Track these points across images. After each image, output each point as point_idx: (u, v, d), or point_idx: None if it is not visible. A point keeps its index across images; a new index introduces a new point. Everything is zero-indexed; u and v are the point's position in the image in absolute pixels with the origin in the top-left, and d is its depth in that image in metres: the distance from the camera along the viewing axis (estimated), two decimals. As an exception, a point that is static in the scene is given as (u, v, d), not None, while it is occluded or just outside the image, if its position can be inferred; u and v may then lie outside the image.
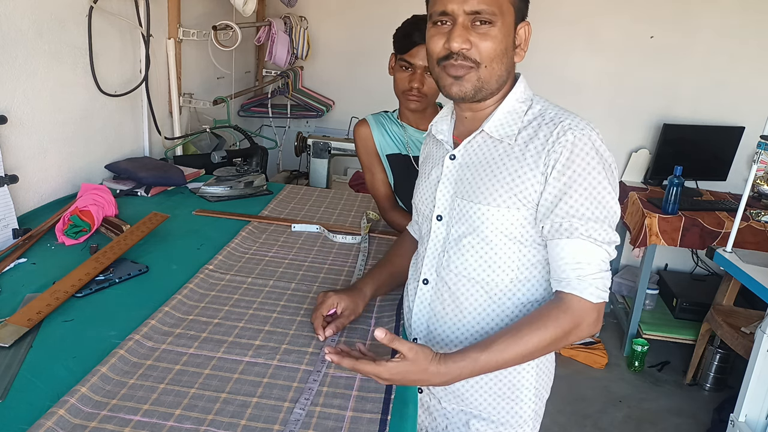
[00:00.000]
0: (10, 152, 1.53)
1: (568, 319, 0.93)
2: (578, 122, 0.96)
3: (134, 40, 2.07)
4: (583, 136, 0.94)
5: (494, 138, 1.01)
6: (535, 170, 0.96)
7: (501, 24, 0.95)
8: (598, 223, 0.92)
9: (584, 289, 0.92)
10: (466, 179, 1.03)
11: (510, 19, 0.97)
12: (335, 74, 3.60)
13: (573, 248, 0.93)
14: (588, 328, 0.94)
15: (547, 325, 0.93)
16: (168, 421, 0.86)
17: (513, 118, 1.01)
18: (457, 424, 1.14)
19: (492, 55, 0.96)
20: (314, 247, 1.57)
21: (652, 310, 3.21)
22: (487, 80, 0.98)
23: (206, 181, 1.97)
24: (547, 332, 0.92)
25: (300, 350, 1.08)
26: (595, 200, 0.93)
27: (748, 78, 3.25)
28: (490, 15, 0.94)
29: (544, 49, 3.06)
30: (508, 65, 1.00)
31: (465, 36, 0.95)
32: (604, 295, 0.93)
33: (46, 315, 1.10)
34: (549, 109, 1.01)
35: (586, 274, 0.93)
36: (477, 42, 0.95)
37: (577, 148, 0.93)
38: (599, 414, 2.64)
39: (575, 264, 0.93)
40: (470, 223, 1.02)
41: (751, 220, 2.79)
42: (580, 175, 0.93)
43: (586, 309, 0.93)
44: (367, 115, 1.73)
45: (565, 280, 0.94)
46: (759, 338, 2.00)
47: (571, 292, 0.93)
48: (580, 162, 0.93)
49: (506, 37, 0.97)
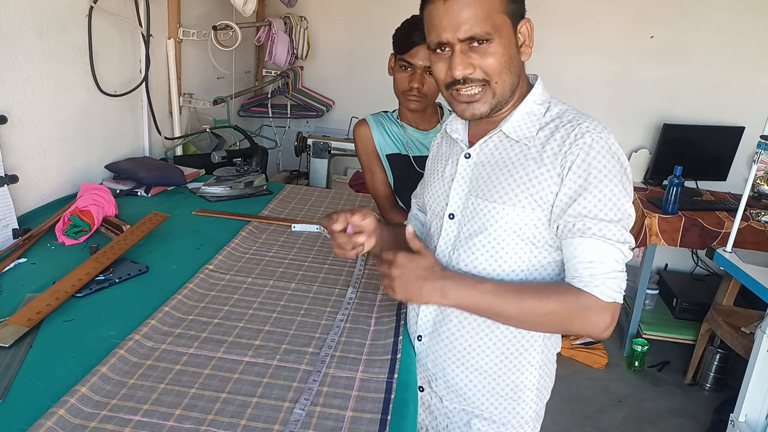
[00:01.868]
0: (10, 152, 1.53)
1: (572, 303, 0.93)
2: (596, 126, 0.96)
3: (134, 40, 2.07)
4: (601, 139, 0.94)
5: (511, 138, 1.01)
6: (552, 171, 0.96)
7: (499, 38, 0.95)
8: (612, 224, 0.93)
9: (595, 286, 0.92)
10: (481, 178, 1.03)
11: (507, 28, 0.96)
12: (335, 74, 3.60)
13: (586, 247, 0.93)
14: (597, 327, 0.93)
15: (550, 295, 0.94)
16: (168, 421, 0.86)
17: (531, 119, 1.01)
18: (458, 423, 1.14)
19: (498, 70, 0.96)
20: (314, 247, 1.57)
21: (652, 310, 3.21)
22: (502, 93, 0.99)
23: (206, 181, 1.97)
24: (548, 302, 0.93)
25: (300, 350, 1.08)
26: (610, 202, 0.93)
27: (748, 78, 3.25)
28: (485, 35, 0.94)
29: (544, 49, 3.03)
30: (517, 70, 1.00)
31: (465, 62, 0.95)
32: (616, 296, 0.93)
33: (46, 315, 1.10)
34: (567, 112, 1.01)
35: (599, 273, 0.92)
36: (479, 62, 0.95)
37: (593, 151, 0.93)
38: (599, 414, 2.64)
39: (588, 263, 0.93)
40: (483, 222, 1.02)
41: (751, 220, 2.79)
42: (596, 177, 0.93)
43: (595, 306, 0.92)
44: (367, 115, 1.73)
45: (577, 277, 0.94)
46: (759, 338, 2.00)
47: (582, 288, 0.93)
48: (597, 164, 0.93)
49: (508, 47, 0.96)
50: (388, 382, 1.00)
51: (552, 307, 0.93)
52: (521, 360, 1.07)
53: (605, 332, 0.95)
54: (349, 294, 1.30)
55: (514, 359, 1.07)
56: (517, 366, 1.07)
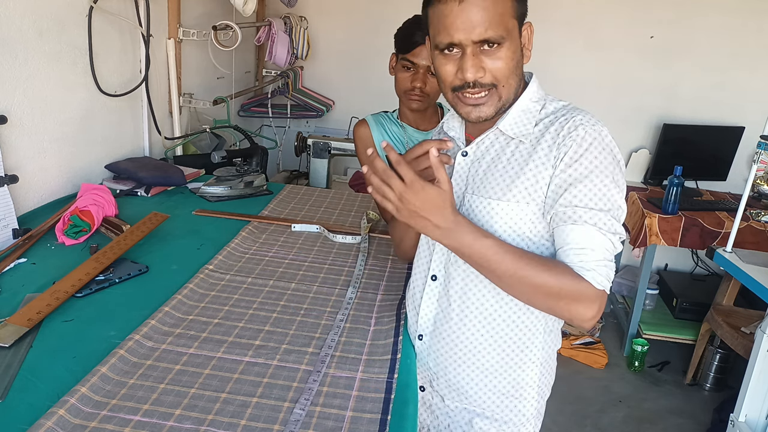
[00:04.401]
0: (10, 152, 1.53)
1: (566, 283, 0.91)
2: (589, 118, 0.96)
3: (134, 40, 2.07)
4: (594, 131, 0.94)
5: (507, 135, 1.02)
6: (546, 163, 0.96)
7: (509, 41, 0.95)
8: (602, 213, 0.92)
9: (587, 271, 0.91)
10: (477, 175, 1.04)
11: (516, 32, 0.97)
12: (335, 74, 3.60)
13: (577, 234, 0.92)
14: (583, 315, 0.92)
15: (549, 269, 0.91)
16: (168, 421, 0.86)
17: (527, 116, 1.01)
18: (459, 422, 1.14)
19: (507, 74, 0.97)
20: (314, 247, 1.57)
21: (652, 310, 3.21)
22: (507, 96, 0.99)
23: (206, 181, 1.97)
24: (544, 275, 0.91)
25: (300, 350, 1.08)
26: (600, 192, 0.93)
27: (748, 78, 3.25)
28: (499, 39, 0.93)
29: (544, 49, 3.04)
30: (521, 74, 1.01)
31: (477, 65, 0.95)
32: (606, 284, 0.92)
33: (46, 315, 1.10)
34: (563, 108, 1.01)
35: (590, 260, 0.91)
36: (489, 66, 0.95)
37: (586, 143, 0.93)
38: (599, 414, 2.64)
39: (579, 249, 0.92)
40: (479, 219, 1.02)
41: (751, 220, 2.79)
42: (587, 168, 0.93)
43: (586, 292, 0.91)
44: (367, 116, 1.73)
45: (568, 263, 0.93)
46: (759, 338, 2.00)
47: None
48: (589, 155, 0.93)
49: (516, 51, 0.97)
50: (388, 382, 1.00)
51: (546, 279, 0.91)
52: (522, 357, 1.07)
53: (589, 322, 0.93)
54: (349, 294, 1.30)
55: (515, 357, 1.07)
56: (518, 363, 1.07)
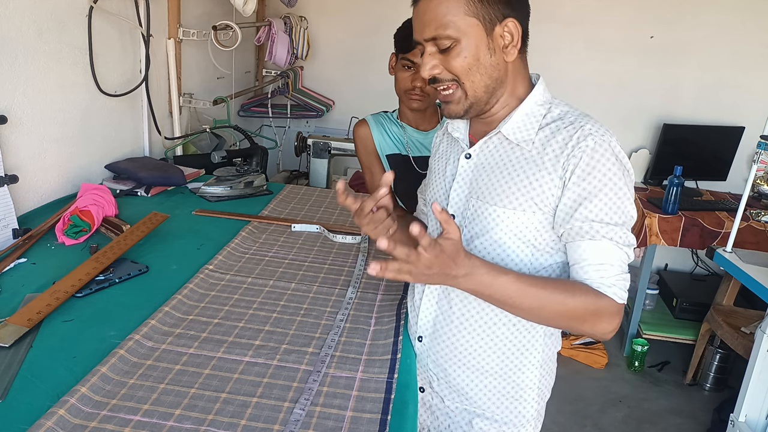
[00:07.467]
0: (10, 152, 1.53)
1: (591, 303, 0.92)
2: (598, 128, 0.96)
3: (134, 40, 2.07)
4: (603, 142, 0.94)
5: (510, 140, 1.01)
6: (553, 174, 0.95)
7: (465, 39, 0.95)
8: (618, 227, 0.93)
9: (608, 287, 0.92)
10: (481, 180, 1.03)
11: (476, 30, 0.95)
12: (335, 74, 3.60)
13: (596, 250, 0.93)
14: (606, 329, 0.94)
15: (575, 293, 0.92)
16: (168, 421, 0.86)
17: (531, 121, 1.00)
18: (460, 423, 1.14)
19: (465, 70, 0.97)
20: (314, 247, 1.57)
21: (652, 310, 3.21)
22: (474, 94, 0.99)
23: (206, 181, 1.97)
24: (570, 301, 0.91)
25: (300, 350, 1.08)
26: (615, 205, 0.93)
27: (748, 78, 3.25)
28: (447, 38, 0.95)
29: (544, 49, 3.06)
30: (493, 73, 0.99)
31: (431, 62, 0.98)
32: (625, 297, 0.94)
33: (46, 315, 1.10)
34: (569, 113, 1.00)
35: (609, 275, 0.93)
36: (446, 62, 0.97)
37: (597, 154, 0.93)
38: (599, 414, 2.64)
39: (598, 265, 0.93)
40: (483, 225, 1.01)
41: (751, 220, 2.79)
42: (600, 180, 0.93)
43: (609, 308, 0.92)
44: (367, 116, 1.73)
45: (587, 280, 0.94)
46: (759, 338, 2.00)
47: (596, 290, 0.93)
48: (601, 168, 0.93)
49: (477, 49, 0.96)
50: (388, 382, 1.00)
51: (570, 305, 0.92)
52: (522, 359, 1.07)
53: (610, 335, 0.95)
54: (349, 294, 1.30)
55: (515, 359, 1.07)
56: (518, 365, 1.07)
